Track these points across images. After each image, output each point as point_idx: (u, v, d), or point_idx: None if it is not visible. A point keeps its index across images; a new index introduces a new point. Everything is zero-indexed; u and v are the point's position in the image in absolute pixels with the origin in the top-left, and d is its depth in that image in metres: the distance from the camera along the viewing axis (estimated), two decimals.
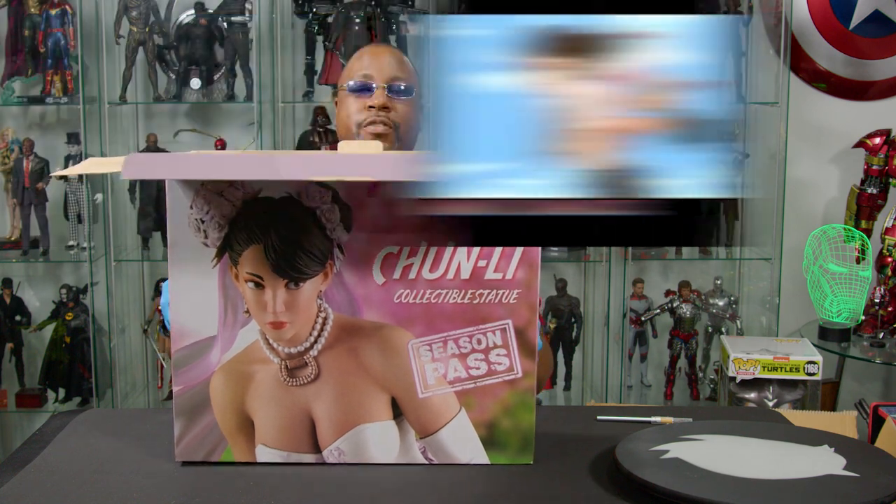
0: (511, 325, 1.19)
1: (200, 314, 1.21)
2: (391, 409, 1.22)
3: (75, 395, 3.14)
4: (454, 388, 1.21)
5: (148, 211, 3.10)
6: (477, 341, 1.20)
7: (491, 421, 1.21)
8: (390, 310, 1.20)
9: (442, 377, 1.21)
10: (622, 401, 3.18)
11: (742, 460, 1.16)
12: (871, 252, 2.95)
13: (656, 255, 3.20)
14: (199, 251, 1.20)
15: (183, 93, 3.08)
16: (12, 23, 3.09)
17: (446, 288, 1.19)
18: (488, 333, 1.19)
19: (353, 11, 3.00)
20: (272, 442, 1.23)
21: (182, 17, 3.13)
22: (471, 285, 1.19)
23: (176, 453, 1.23)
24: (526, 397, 1.21)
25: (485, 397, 1.21)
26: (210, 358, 1.22)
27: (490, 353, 1.20)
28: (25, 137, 3.08)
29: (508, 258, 1.18)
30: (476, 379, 1.21)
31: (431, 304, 1.19)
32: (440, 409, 1.21)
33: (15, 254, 3.11)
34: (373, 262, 1.19)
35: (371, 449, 1.22)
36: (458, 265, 1.19)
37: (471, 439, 1.22)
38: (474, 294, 1.19)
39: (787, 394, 2.38)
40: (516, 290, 1.18)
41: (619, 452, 1.18)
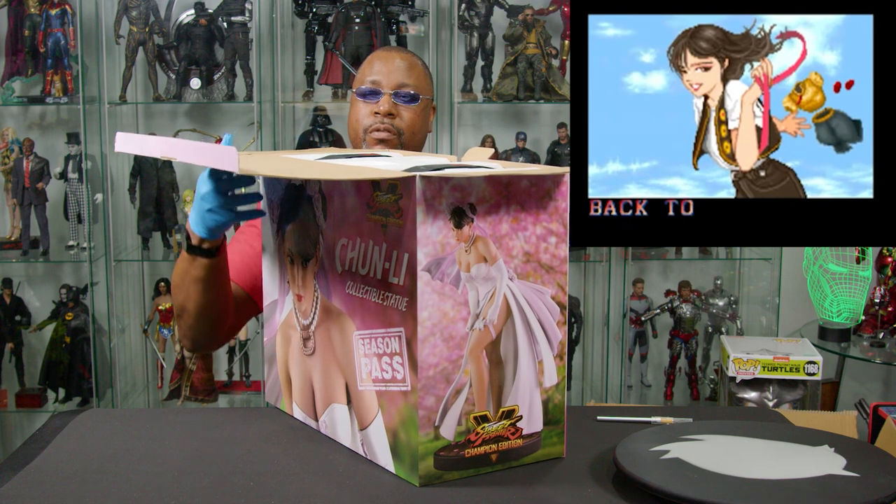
0: (403, 334, 1.14)
1: (271, 279, 1.45)
2: (346, 394, 1.26)
3: (75, 395, 3.14)
4: (375, 388, 1.20)
5: (148, 211, 3.10)
6: (386, 344, 1.17)
7: (394, 429, 1.18)
8: (344, 299, 1.25)
9: (369, 373, 1.21)
10: (622, 401, 3.18)
11: (742, 460, 1.16)
12: (871, 252, 2.95)
13: (656, 255, 3.21)
14: (268, 226, 1.45)
15: (183, 93, 3.09)
16: (12, 23, 3.09)
17: (371, 286, 1.19)
18: (392, 338, 1.16)
19: (353, 11, 3.00)
20: (299, 402, 1.38)
21: (182, 17, 3.13)
22: (381, 286, 1.17)
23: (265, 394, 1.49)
24: (412, 413, 1.13)
25: (391, 404, 1.17)
26: (276, 317, 1.44)
27: (393, 359, 1.16)
28: (25, 137, 3.09)
29: (401, 263, 1.12)
30: (386, 382, 1.18)
31: (365, 300, 1.20)
32: (370, 404, 1.21)
33: (15, 254, 3.11)
34: (335, 251, 1.26)
35: (338, 428, 1.28)
36: (376, 264, 1.18)
37: (384, 444, 1.20)
38: (384, 296, 1.16)
39: (787, 394, 2.38)
40: (405, 298, 1.12)
41: (619, 452, 1.18)
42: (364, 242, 1.19)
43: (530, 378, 1.18)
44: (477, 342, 1.14)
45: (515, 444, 1.18)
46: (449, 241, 1.11)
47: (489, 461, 1.17)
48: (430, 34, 3.05)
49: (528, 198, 1.15)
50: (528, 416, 1.18)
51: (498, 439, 1.17)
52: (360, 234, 1.19)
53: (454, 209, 1.11)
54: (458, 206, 1.11)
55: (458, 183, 1.11)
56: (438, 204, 1.10)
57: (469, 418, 1.15)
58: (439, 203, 1.10)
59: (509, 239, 1.14)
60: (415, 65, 1.81)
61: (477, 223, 1.12)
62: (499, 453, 1.18)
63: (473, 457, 1.16)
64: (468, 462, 1.16)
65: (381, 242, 1.15)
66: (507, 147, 3.10)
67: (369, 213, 1.17)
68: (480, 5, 3.05)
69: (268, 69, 3.05)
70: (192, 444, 1.31)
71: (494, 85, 3.09)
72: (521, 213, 1.15)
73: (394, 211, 1.12)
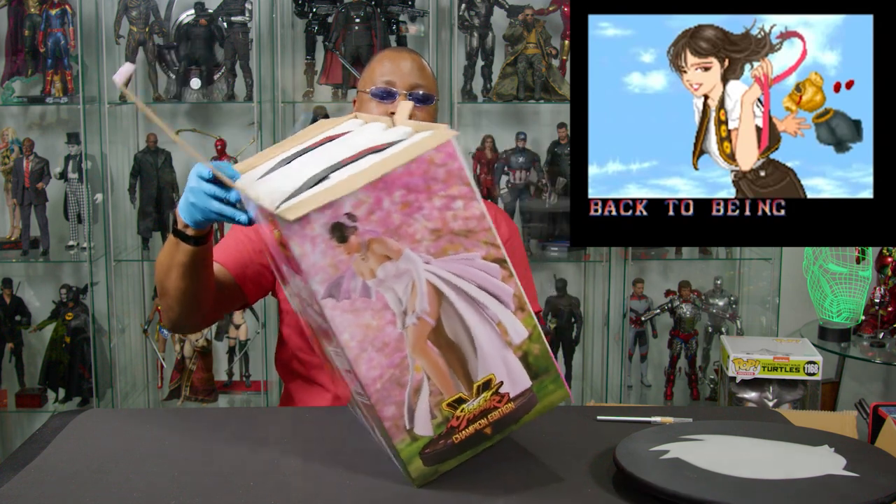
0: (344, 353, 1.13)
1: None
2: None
3: (75, 395, 3.14)
4: (359, 400, 1.20)
5: (148, 211, 3.10)
6: (341, 361, 1.17)
7: (379, 438, 1.21)
8: (308, 317, 1.25)
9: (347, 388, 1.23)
10: (622, 401, 3.18)
11: (742, 460, 1.16)
12: (871, 252, 2.95)
13: (656, 255, 3.21)
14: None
15: (183, 93, 3.09)
16: (12, 23, 3.09)
17: (311, 309, 1.17)
18: (340, 357, 1.16)
19: (353, 11, 3.00)
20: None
21: (182, 17, 3.13)
22: (314, 311, 1.16)
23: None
24: (381, 425, 1.14)
25: (369, 414, 1.19)
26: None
27: (349, 375, 1.17)
28: (25, 137, 3.08)
29: (309, 291, 1.10)
30: (359, 395, 1.18)
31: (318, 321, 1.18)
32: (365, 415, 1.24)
33: (15, 254, 3.11)
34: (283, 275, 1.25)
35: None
36: (301, 291, 1.17)
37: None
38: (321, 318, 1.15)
39: (787, 394, 2.38)
40: (325, 322, 1.11)
41: (619, 452, 1.17)
42: (291, 269, 1.16)
43: (494, 343, 1.13)
44: (417, 336, 1.11)
45: (507, 410, 1.15)
46: (339, 258, 1.06)
47: (484, 436, 1.15)
48: (430, 34, 3.05)
49: (410, 178, 1.07)
50: (509, 378, 1.14)
51: (485, 413, 1.14)
52: (288, 262, 1.15)
53: (332, 226, 1.05)
54: (335, 222, 1.05)
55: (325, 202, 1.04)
56: (311, 230, 1.05)
57: (442, 407, 1.13)
58: (311, 230, 1.05)
59: (406, 226, 1.08)
60: (425, 66, 1.82)
61: (363, 228, 1.06)
62: (492, 425, 1.15)
63: (464, 440, 1.14)
64: (460, 447, 1.14)
65: (298, 271, 1.11)
66: (507, 147, 3.10)
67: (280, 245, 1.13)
68: (480, 5, 3.05)
69: (268, 69, 3.05)
70: (192, 444, 1.31)
71: (494, 85, 3.09)
72: (409, 195, 1.07)
73: (284, 243, 1.08)
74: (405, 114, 1.37)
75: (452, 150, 1.08)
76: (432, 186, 1.08)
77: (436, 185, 1.08)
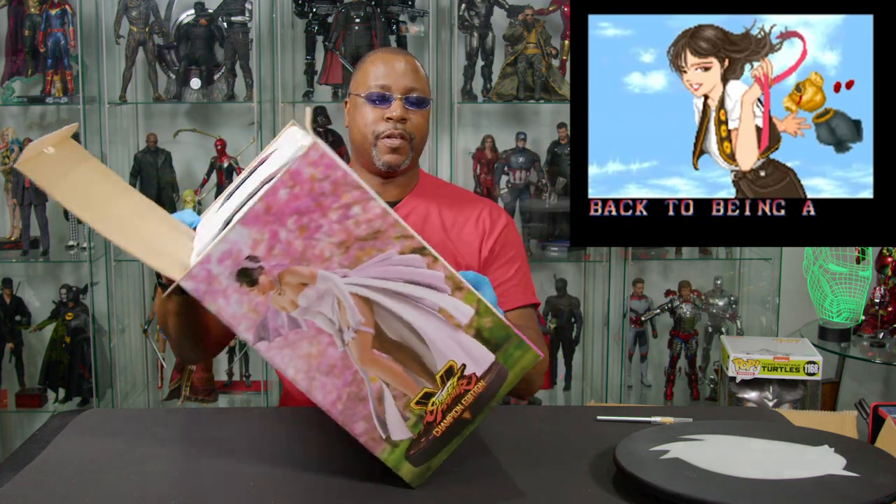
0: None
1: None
2: None
3: (75, 395, 3.14)
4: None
5: None
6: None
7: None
8: None
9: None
10: (622, 401, 3.18)
11: (742, 460, 1.16)
12: (871, 252, 2.95)
13: (656, 255, 3.21)
14: None
15: (183, 93, 3.09)
16: (12, 23, 3.09)
17: None
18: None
19: (353, 11, 3.00)
20: None
21: (182, 17, 3.13)
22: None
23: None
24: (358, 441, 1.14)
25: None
26: None
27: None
28: (25, 137, 3.08)
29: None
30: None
31: None
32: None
33: (15, 254, 3.10)
34: None
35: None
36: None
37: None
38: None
39: (787, 394, 2.38)
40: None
41: (619, 452, 1.18)
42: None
43: (442, 330, 1.10)
44: (360, 349, 1.09)
45: (479, 389, 1.13)
46: (256, 301, 1.05)
47: (465, 421, 1.14)
48: (430, 34, 3.05)
49: (297, 202, 1.04)
50: (470, 359, 1.12)
51: (458, 399, 1.12)
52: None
53: (237, 274, 1.04)
54: (238, 269, 1.04)
55: (221, 252, 1.03)
56: (219, 285, 1.04)
57: (411, 407, 1.11)
58: (219, 284, 1.04)
59: (311, 249, 1.06)
60: (418, 67, 1.80)
61: (268, 265, 1.05)
62: (469, 408, 1.13)
63: (445, 430, 1.13)
64: (443, 438, 1.13)
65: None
66: (507, 147, 3.10)
67: None
68: (480, 5, 3.05)
69: (268, 69, 3.05)
70: (192, 444, 1.31)
71: (494, 85, 3.09)
72: (303, 218, 1.04)
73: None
74: (307, 121, 1.34)
75: (329, 159, 1.04)
76: (323, 202, 1.05)
77: (326, 199, 1.05)
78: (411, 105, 1.74)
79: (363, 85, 1.76)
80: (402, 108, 1.73)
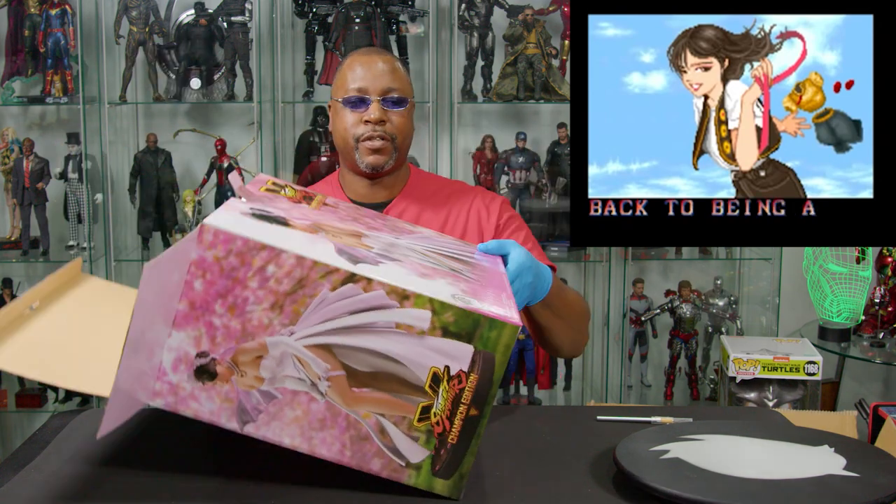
0: None
1: None
2: None
3: (75, 395, 3.14)
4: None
5: (148, 211, 3.10)
6: None
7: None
8: None
9: None
10: (622, 401, 3.18)
11: (742, 460, 1.16)
12: (871, 252, 2.95)
13: (656, 255, 3.20)
14: None
15: (183, 93, 3.09)
16: (12, 23, 3.09)
17: None
18: None
19: (353, 11, 3.00)
20: None
21: (182, 17, 3.13)
22: None
23: None
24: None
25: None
26: None
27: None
28: (25, 137, 3.08)
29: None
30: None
31: None
32: None
33: (15, 254, 3.10)
34: None
35: None
36: None
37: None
38: None
39: (787, 394, 2.38)
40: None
41: (619, 452, 1.17)
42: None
43: (408, 343, 1.07)
44: (341, 393, 1.08)
45: (474, 382, 1.09)
46: (223, 391, 1.07)
47: (474, 418, 1.10)
48: (430, 34, 3.05)
49: (215, 287, 1.04)
50: (450, 358, 1.08)
51: (457, 400, 1.09)
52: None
53: (195, 374, 1.06)
54: (194, 369, 1.06)
55: (172, 361, 1.05)
56: (183, 391, 1.06)
57: (415, 427, 1.09)
58: (183, 390, 1.06)
59: (248, 323, 1.06)
60: (396, 67, 1.78)
61: (218, 354, 1.06)
62: (472, 404, 1.09)
63: (460, 434, 1.10)
64: (462, 443, 1.10)
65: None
66: (507, 147, 3.10)
67: None
68: (480, 5, 3.05)
69: (268, 69, 3.05)
70: (192, 444, 1.31)
71: (494, 85, 3.09)
72: (228, 298, 1.05)
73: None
74: (237, 184, 1.32)
75: (224, 234, 1.03)
76: (238, 276, 1.04)
77: (238, 272, 1.04)
78: (390, 105, 1.73)
79: (342, 89, 1.76)
80: (380, 110, 1.72)
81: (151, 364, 1.07)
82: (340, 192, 1.82)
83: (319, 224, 1.24)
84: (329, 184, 1.87)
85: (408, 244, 1.32)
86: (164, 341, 1.05)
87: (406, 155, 1.82)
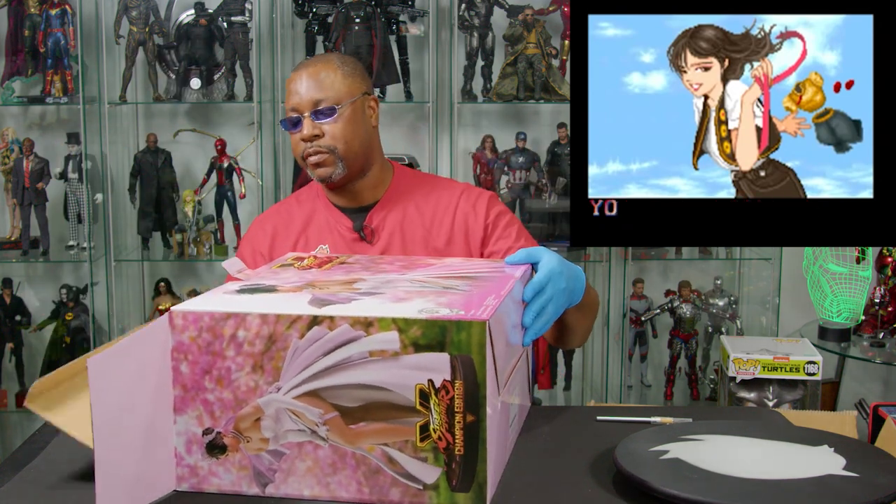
0: None
1: None
2: None
3: None
4: None
5: (148, 211, 3.11)
6: None
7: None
8: None
9: None
10: (622, 401, 3.18)
11: (742, 460, 1.16)
12: (871, 252, 2.95)
13: (656, 255, 3.21)
14: None
15: (183, 93, 3.09)
16: (12, 23, 3.09)
17: None
18: None
19: (353, 11, 3.00)
20: None
21: (182, 17, 3.13)
22: None
23: None
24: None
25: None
26: None
27: None
28: (25, 137, 3.08)
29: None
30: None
31: None
32: None
33: (15, 254, 3.11)
34: None
35: None
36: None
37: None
38: None
39: (787, 394, 2.38)
40: None
41: (619, 452, 1.17)
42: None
43: (386, 367, 1.08)
44: (340, 434, 1.10)
45: (460, 388, 1.07)
46: (237, 461, 1.12)
47: (473, 424, 1.08)
48: (430, 34, 3.05)
49: (196, 365, 1.11)
50: (430, 371, 1.07)
51: (450, 410, 1.08)
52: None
53: (206, 452, 1.12)
54: (204, 447, 1.12)
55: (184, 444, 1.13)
56: (202, 470, 1.12)
57: (420, 447, 1.09)
58: (202, 470, 1.12)
59: (238, 391, 1.11)
60: (324, 75, 1.72)
61: (221, 426, 1.12)
62: (466, 410, 1.08)
63: (465, 444, 1.09)
64: (470, 452, 1.09)
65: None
66: (507, 147, 3.10)
67: None
68: (480, 5, 3.05)
69: (268, 69, 3.05)
70: None
71: (494, 85, 3.09)
72: (213, 373, 1.11)
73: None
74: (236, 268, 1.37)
75: (191, 314, 1.11)
76: (214, 348, 1.11)
77: (214, 345, 1.11)
78: (321, 118, 1.70)
79: (285, 110, 1.76)
80: (311, 126, 1.70)
81: (167, 451, 1.13)
82: (324, 199, 1.82)
83: (313, 283, 1.27)
84: (312, 188, 1.86)
85: (412, 277, 1.31)
86: (171, 428, 1.12)
87: (362, 159, 1.75)
